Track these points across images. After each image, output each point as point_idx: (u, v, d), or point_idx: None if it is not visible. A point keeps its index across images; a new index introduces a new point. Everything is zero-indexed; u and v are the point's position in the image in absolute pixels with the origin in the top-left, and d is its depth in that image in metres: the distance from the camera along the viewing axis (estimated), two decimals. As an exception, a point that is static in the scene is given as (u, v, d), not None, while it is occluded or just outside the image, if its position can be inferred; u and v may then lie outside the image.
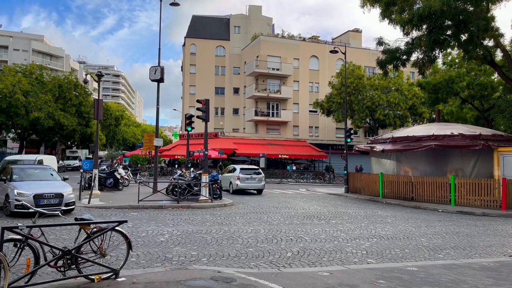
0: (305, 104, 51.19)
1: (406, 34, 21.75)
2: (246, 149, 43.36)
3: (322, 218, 13.81)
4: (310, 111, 50.99)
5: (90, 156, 55.65)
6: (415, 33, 21.63)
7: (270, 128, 50.35)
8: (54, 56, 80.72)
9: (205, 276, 6.11)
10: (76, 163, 52.08)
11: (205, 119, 17.91)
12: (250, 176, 23.17)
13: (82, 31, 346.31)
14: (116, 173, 22.62)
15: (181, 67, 61.61)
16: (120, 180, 22.52)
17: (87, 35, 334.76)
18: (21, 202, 7.55)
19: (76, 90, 55.36)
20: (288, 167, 43.58)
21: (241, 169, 23.63)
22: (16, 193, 11.94)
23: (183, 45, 58.31)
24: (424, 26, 20.66)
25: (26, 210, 10.70)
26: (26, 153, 43.91)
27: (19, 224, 5.22)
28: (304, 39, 54.03)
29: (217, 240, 9.44)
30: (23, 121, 46.86)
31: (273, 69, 49.37)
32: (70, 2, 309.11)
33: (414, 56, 22.85)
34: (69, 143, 61.30)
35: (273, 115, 49.76)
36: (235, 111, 55.07)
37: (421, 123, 41.90)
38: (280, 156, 44.33)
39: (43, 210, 6.07)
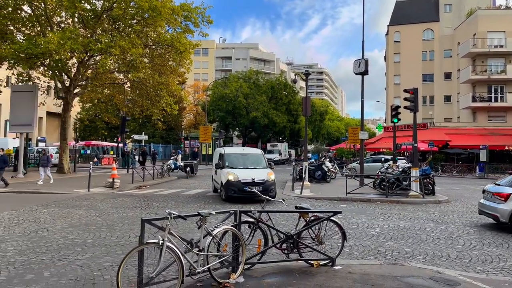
0: (542, 83, 41.93)
1: None
2: (461, 140, 38.63)
3: None
4: (550, 91, 41.47)
5: (289, 150, 59.41)
6: None
7: (492, 116, 43.32)
8: (266, 61, 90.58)
9: (423, 275, 5.80)
10: (276, 156, 50.38)
11: (414, 110, 16.92)
12: None
13: (291, 34, 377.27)
14: (323, 166, 23.70)
15: (384, 57, 59.53)
16: (327, 173, 23.50)
17: (295, 37, 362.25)
18: None
19: (285, 90, 60.89)
20: (519, 161, 36.67)
21: None
22: None
23: (386, 34, 56.19)
24: None
25: None
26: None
27: (252, 209, 6.10)
28: (538, 5, 44.34)
29: (433, 239, 8.79)
30: (244, 120, 54.82)
31: (495, 46, 42.19)
32: (280, 9, 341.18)
33: None
34: (280, 138, 67.56)
35: (496, 100, 42.59)
36: (447, 99, 49.69)
37: None
38: (507, 147, 37.76)
39: None
